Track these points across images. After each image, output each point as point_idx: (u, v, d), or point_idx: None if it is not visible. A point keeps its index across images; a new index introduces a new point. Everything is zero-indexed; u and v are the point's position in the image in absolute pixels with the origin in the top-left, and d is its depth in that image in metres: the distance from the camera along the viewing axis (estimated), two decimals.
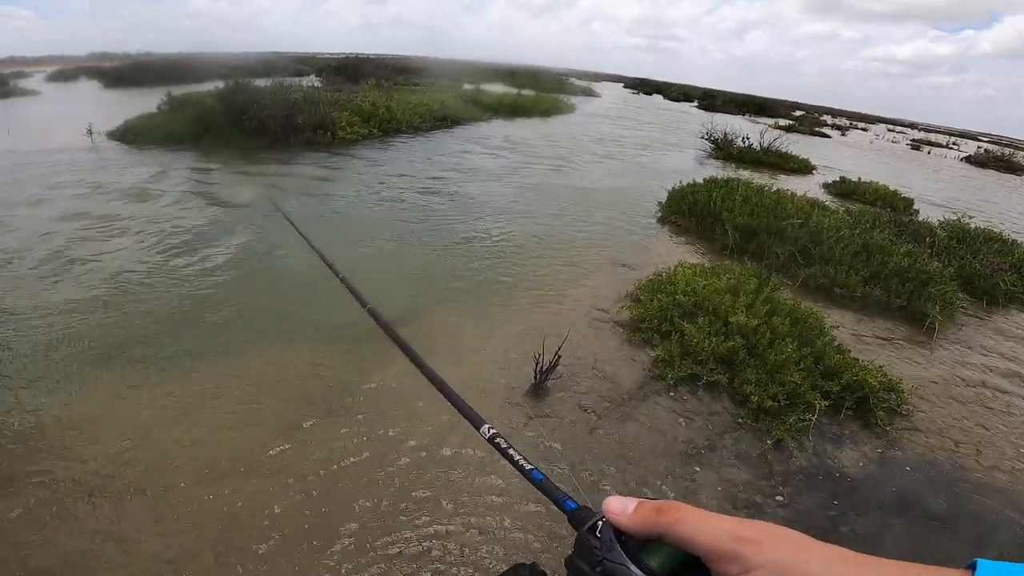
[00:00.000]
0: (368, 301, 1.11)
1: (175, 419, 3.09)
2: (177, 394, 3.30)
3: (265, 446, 2.93)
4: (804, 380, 3.60)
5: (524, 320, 4.58)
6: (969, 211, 11.67)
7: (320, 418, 3.19)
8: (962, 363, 4.85)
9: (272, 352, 3.83)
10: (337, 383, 3.54)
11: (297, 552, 2.36)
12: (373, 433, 3.10)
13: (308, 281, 4.85)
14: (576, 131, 17.63)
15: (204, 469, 2.75)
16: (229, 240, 5.78)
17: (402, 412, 3.29)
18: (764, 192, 7.74)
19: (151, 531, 2.40)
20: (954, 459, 3.49)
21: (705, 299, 4.39)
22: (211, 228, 6.10)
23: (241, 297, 4.58)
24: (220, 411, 3.19)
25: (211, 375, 3.52)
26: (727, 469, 3.17)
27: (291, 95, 11.77)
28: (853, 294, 5.58)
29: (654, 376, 3.88)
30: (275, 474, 2.75)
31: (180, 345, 3.81)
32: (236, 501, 2.57)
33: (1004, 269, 6.87)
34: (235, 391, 3.37)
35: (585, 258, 6.15)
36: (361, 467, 2.85)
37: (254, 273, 5.10)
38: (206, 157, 9.65)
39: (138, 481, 2.64)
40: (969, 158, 27.19)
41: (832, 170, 14.66)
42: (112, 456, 2.78)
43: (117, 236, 5.71)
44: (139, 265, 5.03)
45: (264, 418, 3.15)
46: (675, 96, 52.67)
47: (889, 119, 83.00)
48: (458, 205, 7.81)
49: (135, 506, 2.51)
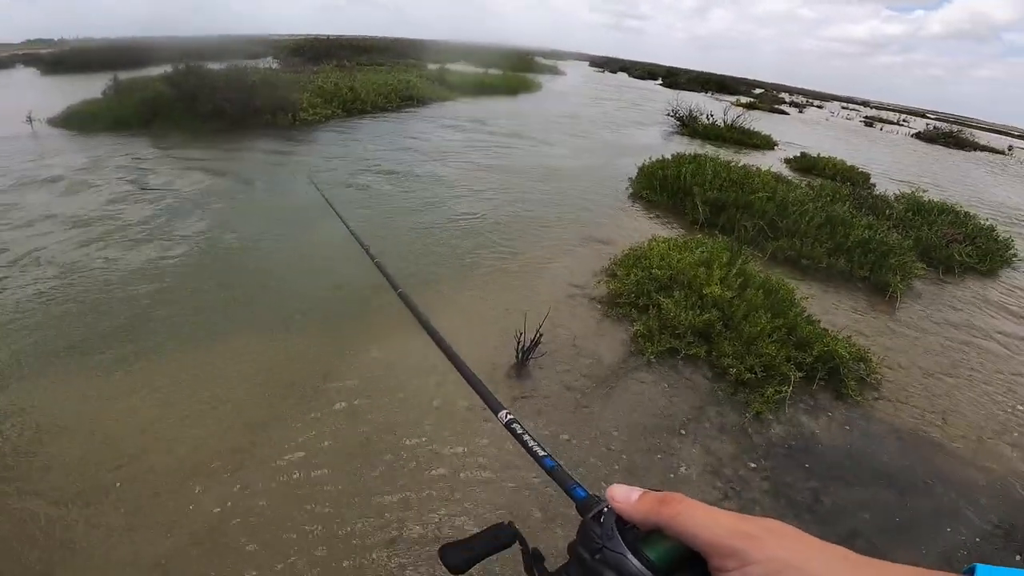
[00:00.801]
0: (400, 285, 1.09)
1: (147, 419, 2.96)
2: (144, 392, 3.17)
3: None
4: (778, 352, 3.69)
5: (500, 299, 4.55)
6: (922, 184, 12.17)
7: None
8: (924, 332, 5.06)
9: (237, 342, 3.70)
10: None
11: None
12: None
13: (263, 267, 4.71)
14: (543, 109, 17.52)
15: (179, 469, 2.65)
16: (179, 227, 5.52)
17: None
18: (731, 167, 7.85)
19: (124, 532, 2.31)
20: (923, 429, 3.62)
21: (680, 272, 4.44)
22: (157, 214, 5.81)
23: (198, 285, 4.40)
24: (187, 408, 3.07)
25: (168, 370, 3.38)
26: (711, 443, 3.22)
27: (248, 77, 11.27)
28: (819, 265, 5.75)
29: (634, 351, 3.92)
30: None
31: (135, 342, 3.64)
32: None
33: (959, 240, 7.19)
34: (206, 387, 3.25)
35: (559, 235, 6.14)
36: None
37: (211, 260, 4.90)
38: (156, 142, 9.15)
39: (109, 481, 2.53)
40: (919, 134, 28.25)
41: (792, 146, 15.01)
42: (80, 459, 2.65)
43: (55, 225, 5.38)
44: (83, 257, 4.76)
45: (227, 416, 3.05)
46: (640, 74, 52.91)
47: (843, 97, 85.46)
48: (425, 186, 7.66)
49: (107, 507, 2.40)
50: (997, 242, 7.89)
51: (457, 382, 3.27)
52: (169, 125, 10.17)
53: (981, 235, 7.90)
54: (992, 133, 47.64)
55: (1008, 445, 3.60)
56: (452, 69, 23.92)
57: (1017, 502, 3.12)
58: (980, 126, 54.78)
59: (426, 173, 8.31)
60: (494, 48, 43.16)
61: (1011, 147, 32.07)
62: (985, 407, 4.02)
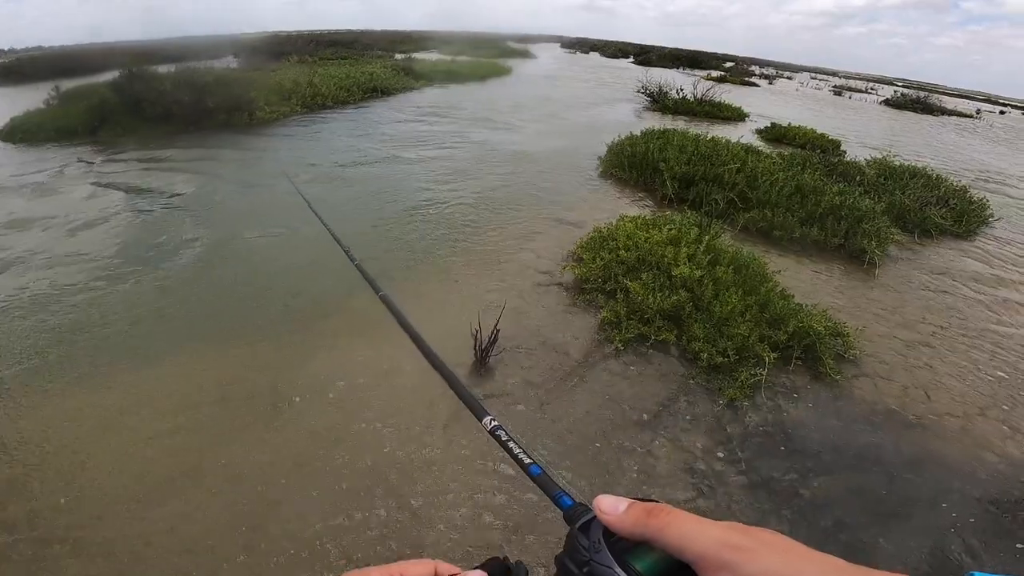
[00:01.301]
0: (381, 288, 1.07)
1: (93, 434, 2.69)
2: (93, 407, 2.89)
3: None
4: (751, 331, 3.51)
5: (464, 292, 4.31)
6: (894, 150, 12.10)
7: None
8: (903, 300, 4.92)
9: (184, 357, 3.43)
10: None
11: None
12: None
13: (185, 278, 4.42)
14: (510, 92, 17.17)
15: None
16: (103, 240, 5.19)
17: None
18: (700, 140, 7.66)
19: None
20: (906, 406, 3.46)
21: (648, 252, 4.24)
22: (91, 226, 5.46)
23: (137, 301, 4.11)
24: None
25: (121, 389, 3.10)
26: (683, 435, 3.03)
27: (200, 78, 10.79)
28: (791, 235, 5.60)
29: (601, 340, 3.72)
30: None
31: (72, 365, 3.35)
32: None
33: (932, 203, 7.09)
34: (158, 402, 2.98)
35: (527, 219, 5.91)
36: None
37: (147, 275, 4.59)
38: (100, 149, 8.68)
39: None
40: (888, 101, 28.39)
41: (764, 117, 14.87)
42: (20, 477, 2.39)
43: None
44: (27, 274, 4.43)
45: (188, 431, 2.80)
46: (612, 53, 52.48)
47: (812, 68, 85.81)
48: (384, 177, 7.36)
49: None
50: (972, 203, 7.83)
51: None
52: (117, 131, 9.73)
53: (955, 196, 7.83)
54: (959, 98, 48.13)
55: (996, 421, 3.46)
56: (420, 58, 23.42)
57: (1007, 483, 2.98)
58: (947, 92, 55.34)
59: (386, 164, 8.00)
60: (465, 35, 42.52)
61: (979, 110, 32.43)
62: (969, 377, 3.87)
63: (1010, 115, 35.93)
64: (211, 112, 10.05)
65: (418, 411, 3.03)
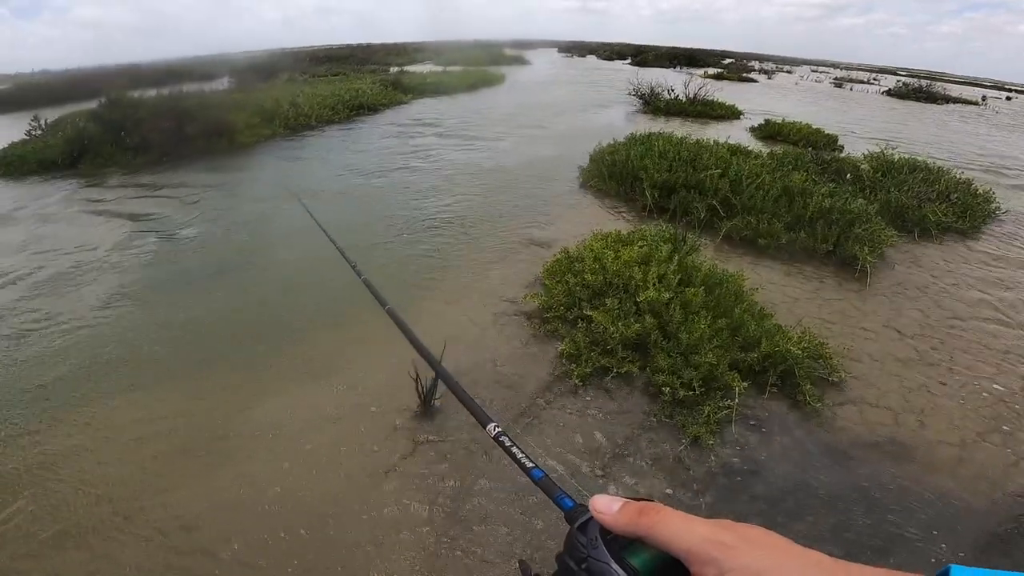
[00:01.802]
0: (387, 301, 1.11)
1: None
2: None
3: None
4: (721, 359, 3.19)
5: (420, 324, 4.02)
6: (895, 141, 11.69)
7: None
8: (898, 311, 4.56)
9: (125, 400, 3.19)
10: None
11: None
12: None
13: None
14: (501, 101, 16.95)
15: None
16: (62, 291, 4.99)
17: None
18: (683, 144, 7.32)
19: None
20: (895, 436, 3.12)
21: (615, 274, 3.93)
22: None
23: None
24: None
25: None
26: (642, 480, 2.74)
27: (179, 103, 10.68)
28: (778, 243, 5.25)
29: (560, 374, 3.42)
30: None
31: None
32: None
33: (931, 199, 6.70)
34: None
35: (497, 240, 5.63)
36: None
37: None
38: (73, 184, 8.51)
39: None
40: (890, 91, 27.82)
41: (761, 114, 14.48)
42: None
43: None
44: None
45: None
46: (608, 56, 52.20)
47: (812, 60, 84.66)
48: (357, 202, 7.12)
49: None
50: (976, 196, 7.42)
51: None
52: (98, 162, 9.59)
53: (957, 190, 7.42)
54: (964, 85, 47.13)
55: (996, 446, 3.10)
56: (410, 71, 23.32)
57: (1004, 517, 2.63)
58: (950, 80, 54.26)
59: (359, 189, 7.77)
60: (459, 44, 42.54)
61: (985, 97, 31.67)
62: (970, 398, 3.51)
63: (1017, 100, 35.09)
64: (190, 139, 9.90)
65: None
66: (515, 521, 2.49)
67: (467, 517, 2.50)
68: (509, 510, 2.54)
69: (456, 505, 2.56)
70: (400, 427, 3.06)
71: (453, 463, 2.80)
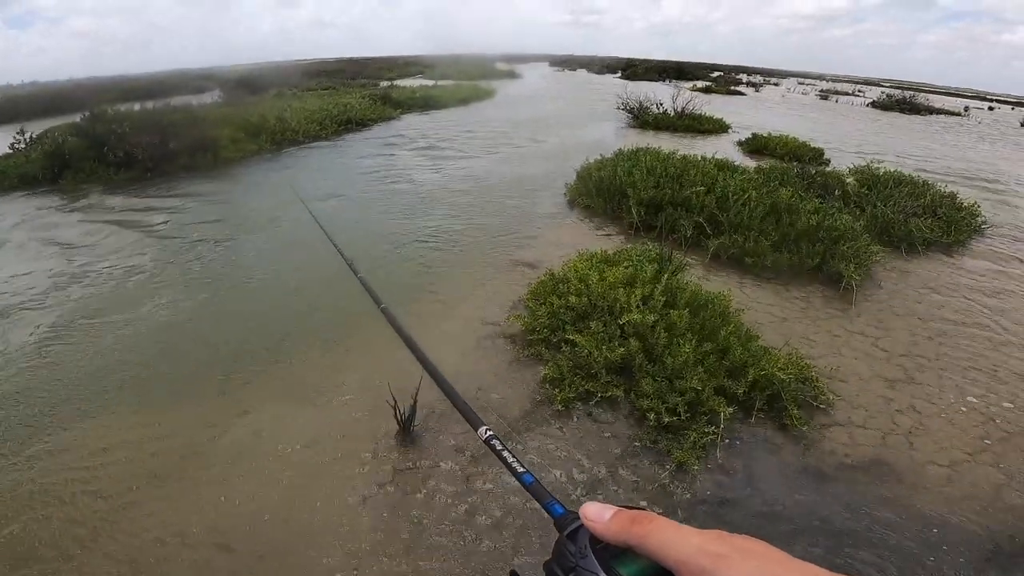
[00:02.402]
0: (382, 300, 1.15)
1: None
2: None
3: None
4: (706, 384, 3.12)
5: (397, 351, 3.93)
6: (879, 154, 11.81)
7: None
8: (885, 329, 4.52)
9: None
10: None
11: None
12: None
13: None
14: (491, 117, 16.96)
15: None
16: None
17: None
18: (670, 160, 7.32)
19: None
20: (883, 457, 3.07)
21: (600, 296, 3.87)
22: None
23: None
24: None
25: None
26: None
27: (162, 117, 10.57)
28: (764, 262, 5.22)
29: (542, 400, 3.34)
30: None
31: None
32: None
33: (917, 213, 6.72)
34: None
35: (482, 261, 5.54)
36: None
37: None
38: (48, 200, 8.34)
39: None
40: (874, 103, 28.26)
41: (748, 127, 14.60)
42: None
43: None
44: None
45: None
46: (599, 69, 52.77)
47: (799, 73, 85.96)
48: (336, 221, 7.03)
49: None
50: (960, 210, 7.46)
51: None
52: (79, 178, 9.44)
53: (942, 204, 7.46)
54: (947, 96, 48.05)
55: (987, 466, 3.05)
56: (402, 85, 23.38)
57: (996, 538, 2.57)
58: (934, 91, 55.27)
59: (345, 204, 7.70)
60: (450, 59, 42.80)
61: (967, 108, 32.27)
62: (959, 417, 3.47)
63: (999, 111, 35.77)
64: (174, 155, 9.79)
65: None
66: (490, 533, 2.40)
67: (443, 545, 2.41)
68: (486, 542, 2.44)
69: (433, 532, 2.46)
70: (377, 454, 2.96)
71: (433, 491, 2.70)
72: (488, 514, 2.58)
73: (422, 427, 3.13)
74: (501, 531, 2.50)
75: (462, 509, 2.61)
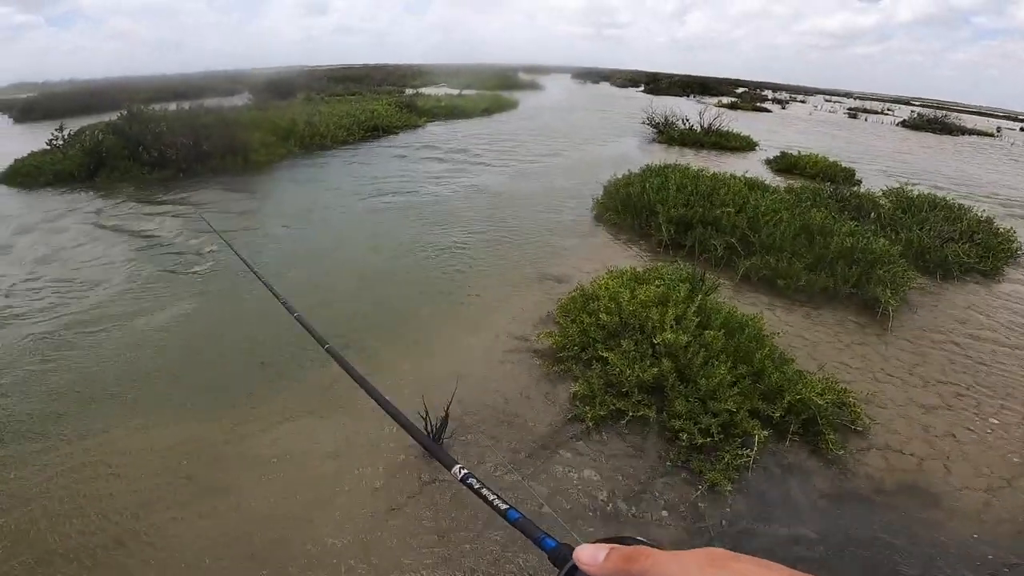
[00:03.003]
0: (327, 340, 1.07)
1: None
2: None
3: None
4: (740, 406, 3.06)
5: (426, 362, 3.92)
6: (913, 176, 11.58)
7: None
8: (922, 355, 4.41)
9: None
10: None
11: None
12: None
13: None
14: (515, 129, 17.02)
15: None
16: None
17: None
18: (700, 178, 7.25)
19: None
20: (919, 481, 3.00)
21: (631, 315, 3.82)
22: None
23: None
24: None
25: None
26: (654, 529, 2.61)
27: (198, 119, 10.80)
28: (797, 284, 5.12)
29: (572, 417, 3.29)
30: None
31: None
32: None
33: (954, 238, 6.56)
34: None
35: (507, 274, 5.52)
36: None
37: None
38: (83, 198, 8.54)
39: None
40: (904, 122, 27.78)
41: (775, 145, 14.45)
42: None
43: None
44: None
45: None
46: (621, 83, 52.78)
47: (826, 90, 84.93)
48: (361, 228, 7.08)
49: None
50: (997, 235, 7.26)
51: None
52: (114, 176, 9.66)
53: (979, 229, 7.28)
54: (978, 116, 47.07)
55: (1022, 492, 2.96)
56: (425, 93, 23.62)
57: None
58: (965, 110, 54.14)
59: (369, 213, 7.76)
60: (475, 68, 43.19)
61: (1000, 128, 31.58)
62: (997, 443, 3.38)
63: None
64: (206, 156, 9.98)
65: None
66: (516, 552, 2.36)
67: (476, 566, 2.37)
68: (512, 560, 2.40)
69: (463, 549, 2.43)
70: (404, 464, 2.94)
71: (459, 504, 2.67)
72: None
73: (450, 441, 3.11)
74: (530, 552, 2.46)
75: (492, 521, 2.57)
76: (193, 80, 32.26)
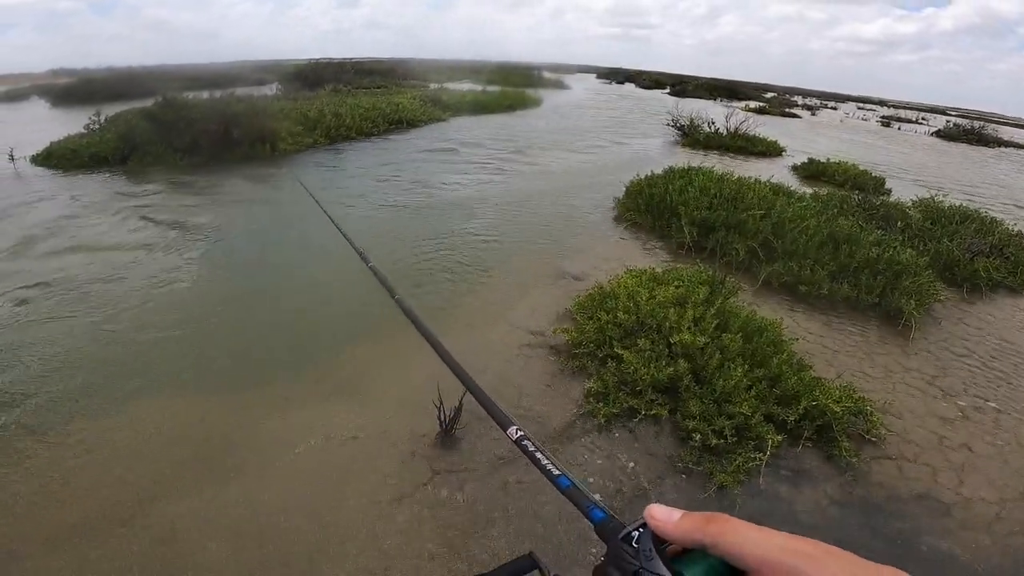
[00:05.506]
0: (397, 291, 1.16)
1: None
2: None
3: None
4: (756, 410, 3.05)
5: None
6: (945, 187, 11.29)
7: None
8: (943, 369, 4.33)
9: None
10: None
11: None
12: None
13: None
14: (538, 125, 17.00)
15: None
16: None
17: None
18: (724, 181, 7.19)
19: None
20: (932, 491, 2.96)
21: (648, 315, 3.82)
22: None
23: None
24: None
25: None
26: None
27: (229, 107, 11.02)
28: (819, 291, 5.06)
29: (585, 413, 3.32)
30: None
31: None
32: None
33: (984, 252, 6.40)
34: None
35: (528, 271, 5.55)
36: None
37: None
38: (118, 181, 8.80)
39: None
40: (939, 132, 27.03)
41: (803, 152, 14.21)
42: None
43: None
44: None
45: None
46: (647, 84, 52.22)
47: (858, 97, 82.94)
48: (382, 219, 7.16)
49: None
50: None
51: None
52: (147, 161, 9.93)
53: (1011, 244, 7.09)
54: (1016, 128, 45.55)
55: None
56: (450, 88, 23.72)
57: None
58: (1004, 121, 52.49)
59: (391, 206, 7.84)
60: (500, 66, 43.12)
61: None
62: (1013, 457, 3.33)
63: None
64: (236, 143, 10.19)
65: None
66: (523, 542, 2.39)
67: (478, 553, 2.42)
68: (522, 535, 2.43)
69: (469, 539, 2.48)
70: (416, 454, 2.99)
71: (470, 495, 2.72)
72: (531, 514, 2.58)
73: (463, 431, 3.15)
74: (547, 542, 2.49)
75: (499, 514, 2.61)
76: (223, 70, 32.79)
